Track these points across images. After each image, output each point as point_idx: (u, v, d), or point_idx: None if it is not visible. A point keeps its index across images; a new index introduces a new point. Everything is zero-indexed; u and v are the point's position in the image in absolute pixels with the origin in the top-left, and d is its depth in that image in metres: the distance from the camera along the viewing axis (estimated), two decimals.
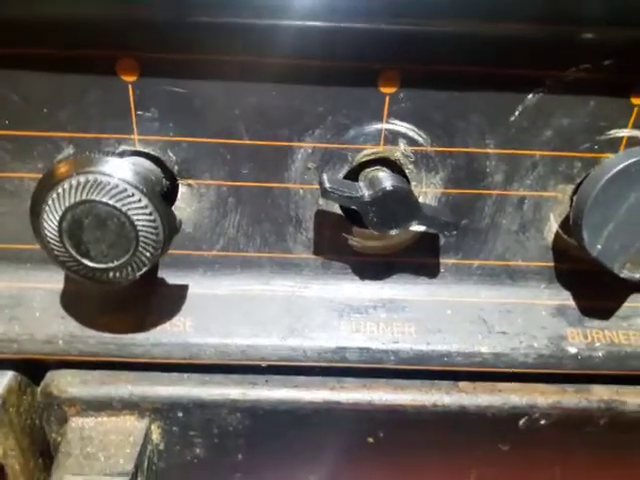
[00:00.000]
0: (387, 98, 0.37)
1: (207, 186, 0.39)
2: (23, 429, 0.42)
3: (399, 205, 0.35)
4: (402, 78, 0.36)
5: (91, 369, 0.40)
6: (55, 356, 0.39)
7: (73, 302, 0.40)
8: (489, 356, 0.39)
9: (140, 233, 0.31)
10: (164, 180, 0.38)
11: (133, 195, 0.30)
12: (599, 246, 0.36)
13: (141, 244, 0.31)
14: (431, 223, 0.36)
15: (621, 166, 0.35)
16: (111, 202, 0.30)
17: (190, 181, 0.39)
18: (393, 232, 0.36)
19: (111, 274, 0.32)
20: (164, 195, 0.38)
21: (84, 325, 0.39)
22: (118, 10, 0.33)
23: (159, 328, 0.39)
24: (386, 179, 0.36)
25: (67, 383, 0.40)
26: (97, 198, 0.30)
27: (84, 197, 0.29)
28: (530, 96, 0.36)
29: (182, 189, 0.39)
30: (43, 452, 0.44)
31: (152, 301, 0.40)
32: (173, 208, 0.40)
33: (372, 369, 0.39)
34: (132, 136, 0.37)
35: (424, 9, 0.33)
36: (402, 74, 0.36)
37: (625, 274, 0.36)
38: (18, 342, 0.39)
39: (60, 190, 0.29)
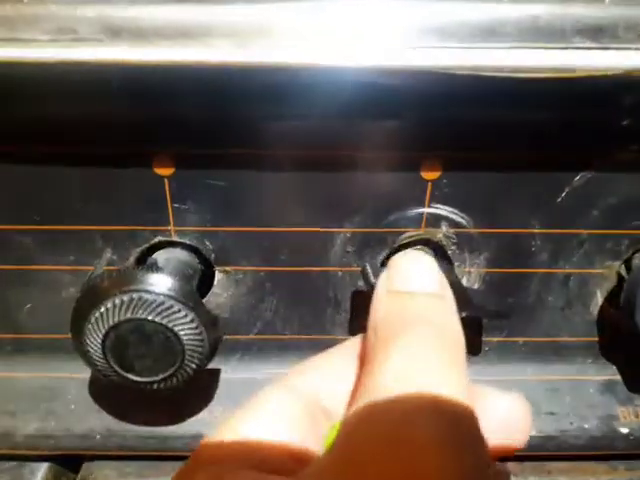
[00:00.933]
0: (429, 184, 0.35)
1: (244, 272, 0.38)
2: None
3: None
4: (444, 164, 0.35)
5: (129, 459, 0.39)
6: (93, 451, 0.38)
7: (108, 394, 0.39)
8: (538, 440, 0.38)
9: (186, 346, 0.30)
10: (200, 267, 0.38)
11: (179, 311, 0.29)
12: None
13: (187, 357, 0.30)
14: (479, 312, 0.35)
15: None
16: (157, 319, 0.29)
17: (227, 268, 0.38)
18: None
19: (156, 386, 0.31)
20: (200, 282, 0.38)
21: (121, 418, 0.38)
22: (152, 106, 0.32)
23: (198, 418, 0.38)
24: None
25: (105, 476, 0.39)
26: (142, 316, 0.29)
27: (129, 315, 0.28)
28: (577, 177, 0.35)
29: (219, 276, 0.38)
30: None
31: (189, 390, 0.39)
32: (210, 294, 0.39)
33: None
34: (169, 227, 0.36)
35: (462, 96, 0.32)
36: (444, 161, 0.35)
37: None
38: (54, 438, 0.38)
39: (103, 309, 0.29)
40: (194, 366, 0.30)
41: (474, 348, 0.41)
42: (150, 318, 0.29)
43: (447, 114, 0.32)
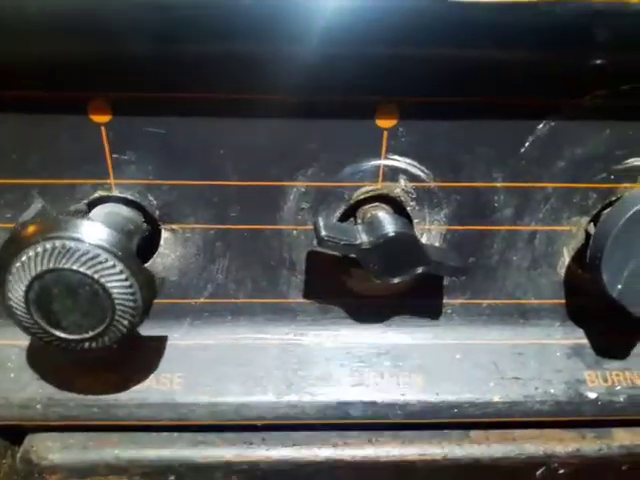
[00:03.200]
0: (385, 133, 0.33)
1: (192, 230, 0.36)
2: None
3: (403, 252, 0.32)
4: (401, 111, 0.33)
5: (72, 431, 0.37)
6: (33, 422, 0.36)
7: (50, 360, 0.37)
8: (502, 405, 0.36)
9: (116, 301, 0.27)
10: (145, 225, 0.35)
11: (106, 261, 0.27)
12: (619, 286, 0.33)
13: (118, 312, 0.28)
14: (438, 269, 0.33)
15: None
16: (82, 269, 0.27)
17: (173, 226, 0.36)
18: (396, 280, 0.33)
19: (86, 344, 0.29)
20: (145, 242, 0.35)
21: (63, 387, 0.36)
22: (88, 46, 0.30)
23: (145, 386, 0.36)
24: (387, 222, 0.33)
25: (47, 449, 0.37)
26: (66, 266, 0.26)
27: (52, 265, 0.26)
28: (541, 125, 0.33)
29: (165, 234, 0.36)
30: None
31: (136, 356, 0.37)
32: (156, 255, 0.36)
33: (382, 424, 0.37)
34: (108, 180, 0.34)
35: (422, 36, 0.30)
36: (401, 107, 0.33)
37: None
38: None
39: (25, 258, 0.26)
40: (126, 323, 0.28)
41: (438, 312, 0.39)
42: (74, 268, 0.26)
43: (402, 52, 0.30)
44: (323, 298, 0.38)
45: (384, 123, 0.33)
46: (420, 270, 0.33)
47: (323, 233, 0.32)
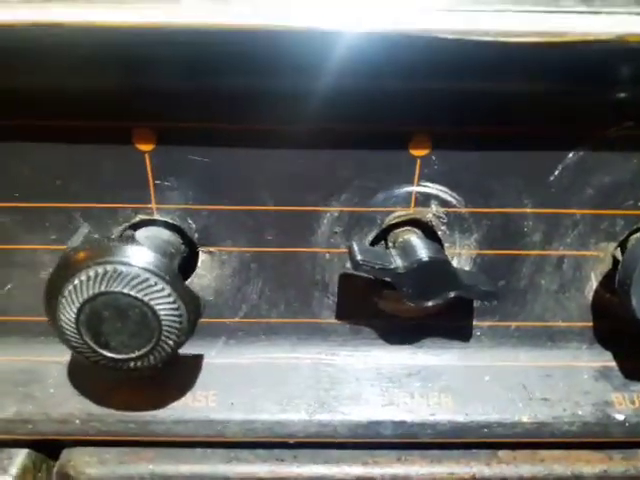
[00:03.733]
0: (418, 161, 0.35)
1: (229, 253, 0.37)
2: None
3: (436, 276, 0.33)
4: (434, 141, 0.34)
5: (109, 446, 0.38)
6: (72, 436, 0.37)
7: (89, 377, 0.38)
8: (531, 426, 0.37)
9: (163, 322, 0.29)
10: (183, 247, 0.37)
11: (155, 284, 0.28)
12: None
13: (164, 333, 0.29)
14: (469, 293, 0.34)
15: None
16: (132, 293, 0.28)
17: (211, 248, 0.37)
18: (430, 304, 0.34)
19: (132, 364, 0.30)
20: (183, 263, 0.37)
21: (101, 402, 0.37)
22: (134, 79, 0.31)
23: (180, 403, 0.37)
24: (420, 247, 0.34)
25: (84, 463, 0.38)
26: (117, 289, 0.28)
27: (103, 289, 0.27)
28: (571, 155, 0.34)
29: (202, 256, 0.37)
30: None
31: (172, 374, 0.38)
32: (193, 275, 0.38)
33: (412, 443, 0.37)
34: (150, 205, 0.36)
35: (453, 72, 0.31)
36: (434, 137, 0.34)
37: None
38: (33, 422, 0.37)
39: (77, 282, 0.28)
40: (172, 343, 0.29)
41: (467, 334, 0.39)
42: (125, 291, 0.28)
43: (436, 85, 0.31)
44: (354, 319, 0.39)
45: (417, 152, 0.34)
46: (453, 294, 0.34)
47: (359, 257, 0.33)
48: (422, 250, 0.34)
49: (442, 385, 0.38)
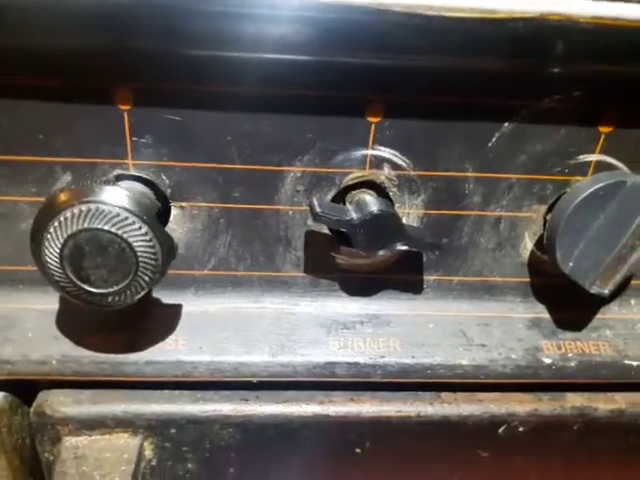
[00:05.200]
0: (373, 126, 0.38)
1: (199, 208, 0.40)
2: (14, 449, 0.42)
3: (385, 228, 0.37)
4: (387, 108, 0.38)
5: (84, 388, 0.41)
6: (49, 376, 0.40)
7: (66, 323, 0.41)
8: (469, 368, 0.41)
9: (140, 258, 0.32)
10: (157, 202, 0.40)
11: (134, 223, 0.31)
12: (571, 264, 0.39)
13: (141, 269, 0.32)
14: (415, 244, 0.38)
15: (590, 190, 0.37)
16: (112, 229, 0.31)
17: (182, 203, 0.40)
18: (380, 253, 0.38)
19: (110, 298, 0.33)
20: (157, 217, 0.40)
21: (77, 345, 0.40)
22: (114, 41, 0.34)
23: (152, 347, 0.40)
24: (373, 203, 0.38)
25: (60, 403, 0.40)
26: (99, 226, 0.31)
27: (86, 225, 0.30)
28: (506, 124, 0.39)
29: (175, 211, 0.40)
30: (33, 471, 0.44)
31: (145, 321, 0.41)
32: (166, 229, 0.41)
33: (359, 383, 0.41)
34: (126, 161, 0.38)
35: (406, 45, 0.35)
36: (387, 105, 0.38)
37: (595, 290, 0.38)
38: (11, 363, 0.39)
39: (62, 218, 0.30)
40: (147, 278, 0.32)
41: (415, 287, 0.44)
42: (105, 228, 0.31)
43: (386, 57, 0.35)
44: (314, 273, 0.43)
45: (372, 118, 0.38)
46: (400, 245, 0.38)
47: (318, 209, 0.37)
48: (374, 205, 0.38)
49: (392, 331, 0.42)
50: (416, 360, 0.41)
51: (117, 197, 0.31)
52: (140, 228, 0.31)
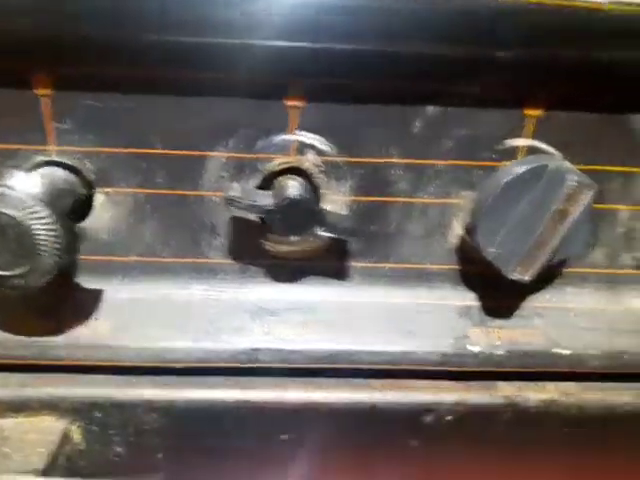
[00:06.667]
0: (294, 111, 0.38)
1: (124, 194, 0.40)
2: None
3: (302, 213, 0.37)
4: (307, 92, 0.38)
5: (10, 371, 0.41)
6: None
7: None
8: (397, 354, 0.41)
9: (41, 242, 0.32)
10: (81, 189, 0.40)
11: (34, 207, 0.31)
12: (493, 250, 0.38)
13: (42, 253, 0.32)
14: (333, 230, 0.38)
15: (510, 175, 0.37)
16: (13, 213, 0.31)
17: (107, 189, 0.40)
18: (295, 238, 0.37)
19: (15, 281, 0.33)
20: (82, 203, 0.40)
21: (4, 329, 0.40)
22: (32, 26, 0.34)
23: (79, 331, 0.41)
24: (291, 188, 0.38)
25: None
26: (2, 210, 0.31)
27: None
28: (428, 108, 0.38)
29: (99, 197, 0.40)
30: None
31: (72, 306, 0.41)
32: (91, 215, 0.41)
33: (284, 369, 0.41)
34: (49, 147, 0.39)
35: (327, 28, 0.35)
36: (307, 89, 0.38)
37: (515, 276, 0.38)
38: None
39: None
40: (50, 263, 0.33)
41: (344, 273, 0.43)
42: (6, 212, 0.31)
43: (305, 43, 0.35)
44: (241, 259, 0.43)
45: (294, 102, 0.38)
46: (318, 230, 0.38)
47: (229, 194, 0.37)
48: (291, 189, 0.37)
49: (319, 318, 0.42)
50: (342, 346, 0.41)
51: (21, 182, 0.32)
52: (41, 212, 0.31)
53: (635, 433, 0.43)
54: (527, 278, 0.38)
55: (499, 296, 0.43)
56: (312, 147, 0.39)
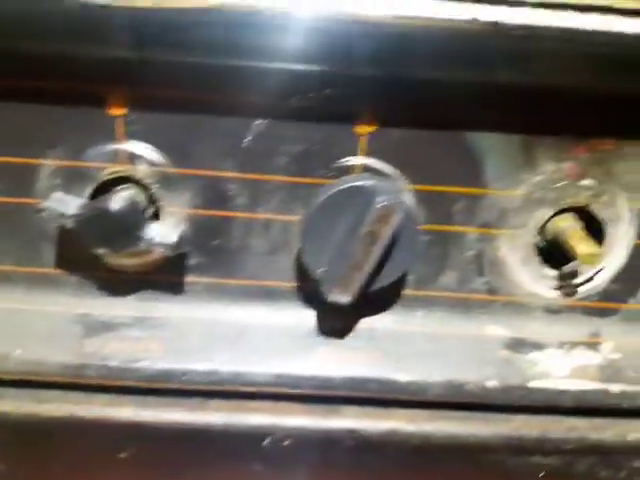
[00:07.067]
0: (118, 120, 0.37)
1: None
2: None
3: (119, 225, 0.36)
4: (130, 101, 0.37)
5: None
6: None
7: None
8: (230, 375, 0.40)
9: None
10: None
11: None
12: (321, 270, 0.37)
13: None
14: (151, 243, 0.37)
15: (326, 196, 0.36)
16: None
17: None
18: (107, 251, 0.36)
19: None
20: None
21: None
22: None
23: None
24: (115, 198, 0.37)
25: None
26: None
27: None
28: (257, 122, 0.37)
29: None
30: None
31: None
32: None
33: (114, 387, 0.40)
34: None
35: (150, 37, 0.34)
36: (130, 97, 0.37)
37: (334, 298, 0.36)
38: None
39: None
40: None
41: (187, 288, 0.42)
42: None
43: (124, 51, 0.34)
44: (80, 272, 0.42)
45: (116, 111, 0.37)
46: (135, 243, 0.36)
47: (43, 204, 0.36)
48: (113, 200, 0.36)
49: (156, 334, 0.41)
50: (174, 365, 0.40)
51: None
52: None
53: (480, 465, 0.41)
54: (346, 300, 0.36)
55: (336, 316, 0.42)
56: (143, 157, 0.38)
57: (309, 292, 0.42)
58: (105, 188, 0.39)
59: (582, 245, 0.39)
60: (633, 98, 0.36)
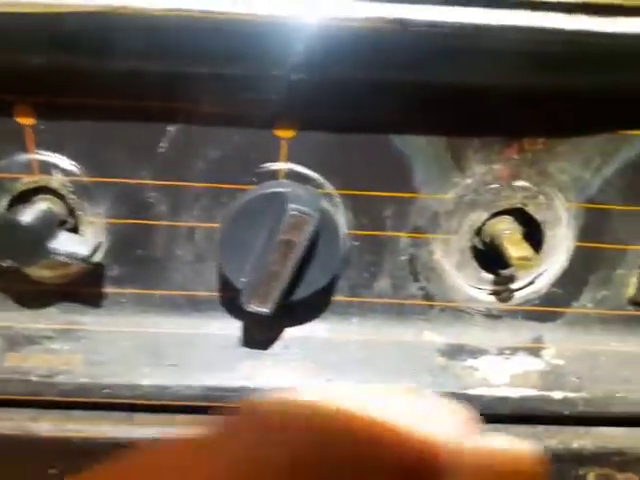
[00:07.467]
0: (27, 129, 0.36)
1: None
2: None
3: (27, 237, 0.35)
4: (36, 110, 0.35)
5: None
6: None
7: None
8: (152, 389, 0.39)
9: None
10: None
11: None
12: (243, 279, 0.36)
13: None
14: (59, 254, 0.35)
15: (241, 202, 0.34)
16: None
17: None
18: (13, 264, 0.35)
19: None
20: None
21: None
22: None
23: None
24: (22, 211, 0.36)
25: None
26: None
27: None
28: (170, 128, 0.36)
29: None
30: None
31: None
32: None
33: (35, 401, 0.39)
34: None
35: (52, 41, 0.32)
36: (36, 106, 0.35)
37: (253, 308, 0.35)
38: None
39: None
40: None
41: (110, 300, 0.41)
42: None
43: (28, 59, 0.33)
44: (2, 283, 0.41)
45: (24, 120, 0.36)
46: (44, 256, 0.35)
47: None
48: (17, 212, 0.35)
49: (78, 348, 0.40)
50: (95, 379, 0.38)
51: None
52: None
53: None
54: (265, 310, 0.35)
55: (270, 326, 0.40)
56: (56, 166, 0.37)
57: (235, 302, 0.40)
58: (23, 199, 0.38)
59: (515, 248, 0.37)
60: (560, 95, 0.34)
